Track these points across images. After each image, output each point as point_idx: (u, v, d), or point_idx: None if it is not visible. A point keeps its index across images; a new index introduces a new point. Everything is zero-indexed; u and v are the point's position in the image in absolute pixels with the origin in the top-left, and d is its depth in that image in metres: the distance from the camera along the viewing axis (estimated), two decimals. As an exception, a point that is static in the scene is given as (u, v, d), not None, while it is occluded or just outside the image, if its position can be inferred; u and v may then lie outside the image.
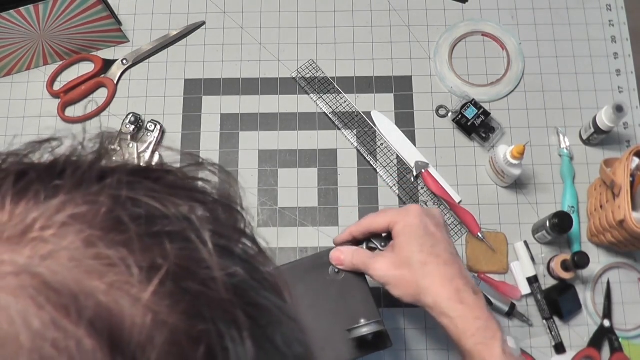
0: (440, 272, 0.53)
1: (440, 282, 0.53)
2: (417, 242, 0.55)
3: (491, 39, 0.86)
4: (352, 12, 0.88)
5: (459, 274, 0.54)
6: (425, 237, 0.55)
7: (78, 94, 0.83)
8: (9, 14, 0.74)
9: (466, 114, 0.80)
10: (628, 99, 0.83)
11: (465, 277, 0.54)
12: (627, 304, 0.75)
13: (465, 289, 0.53)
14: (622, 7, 0.87)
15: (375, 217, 0.59)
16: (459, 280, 0.53)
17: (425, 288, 0.53)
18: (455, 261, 0.55)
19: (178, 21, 0.87)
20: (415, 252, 0.54)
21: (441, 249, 0.55)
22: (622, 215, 0.66)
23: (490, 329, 0.52)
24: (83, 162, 0.24)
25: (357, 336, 0.54)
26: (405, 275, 0.54)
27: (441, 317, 0.53)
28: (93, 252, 0.19)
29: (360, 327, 0.54)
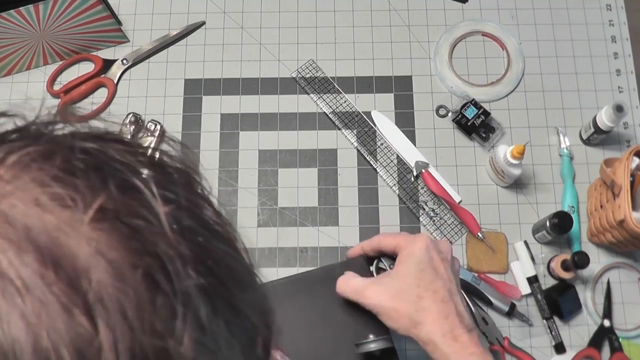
0: (436, 308, 0.53)
1: (436, 318, 0.53)
2: (416, 274, 0.54)
3: (491, 39, 0.86)
4: (352, 12, 0.88)
5: (454, 311, 0.54)
6: (426, 271, 0.54)
7: (78, 94, 0.83)
8: (9, 14, 0.74)
9: (466, 114, 0.80)
10: (628, 99, 0.83)
11: (460, 315, 0.54)
12: (627, 304, 0.75)
13: (460, 327, 0.53)
14: (622, 7, 0.87)
15: (385, 236, 0.60)
16: (454, 317, 0.53)
17: (420, 323, 0.53)
18: (452, 299, 0.54)
19: (178, 21, 0.87)
20: (413, 284, 0.54)
21: (439, 285, 0.54)
22: (622, 215, 0.66)
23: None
24: (40, 122, 0.28)
25: (365, 351, 0.54)
26: (399, 307, 0.54)
27: (435, 353, 0.53)
28: (45, 191, 0.22)
29: (369, 343, 0.54)
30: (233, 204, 0.79)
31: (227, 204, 0.79)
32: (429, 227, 0.77)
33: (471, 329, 0.54)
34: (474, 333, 0.54)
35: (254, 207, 0.79)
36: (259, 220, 0.78)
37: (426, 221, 0.78)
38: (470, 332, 0.53)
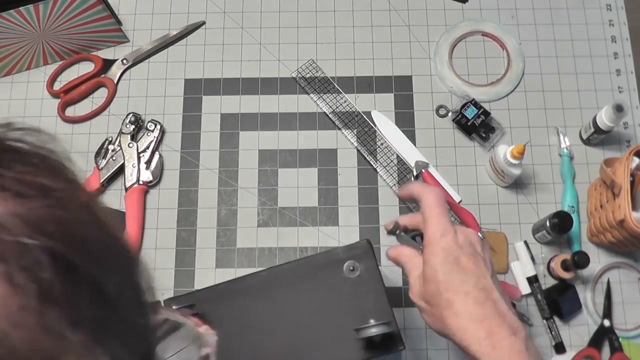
0: (469, 311, 0.48)
1: (469, 323, 0.47)
2: (443, 278, 0.49)
3: (491, 38, 0.86)
4: (352, 12, 0.88)
5: (491, 312, 0.47)
6: (452, 274, 0.49)
7: (78, 93, 0.83)
8: (9, 14, 0.74)
9: (466, 114, 0.80)
10: (628, 99, 0.83)
11: (501, 315, 0.47)
12: (627, 304, 0.75)
13: (500, 331, 0.46)
14: (622, 7, 0.87)
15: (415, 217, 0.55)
16: (492, 320, 0.47)
17: (452, 329, 0.48)
18: (488, 297, 0.48)
19: (178, 21, 0.87)
20: (441, 289, 0.49)
21: (470, 285, 0.48)
22: (622, 215, 0.66)
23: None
24: None
25: (365, 336, 0.54)
26: (431, 310, 0.50)
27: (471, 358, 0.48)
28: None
29: (369, 328, 0.53)
30: (233, 204, 0.79)
31: (227, 204, 0.79)
32: (429, 227, 0.77)
33: (516, 329, 0.47)
34: (520, 334, 0.47)
35: (254, 207, 0.79)
36: (259, 220, 0.78)
37: (426, 221, 0.78)
38: (514, 334, 0.47)
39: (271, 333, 0.58)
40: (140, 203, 0.78)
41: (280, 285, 0.58)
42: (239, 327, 0.58)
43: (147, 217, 0.78)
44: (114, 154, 0.80)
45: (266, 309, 0.58)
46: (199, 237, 0.77)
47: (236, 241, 0.77)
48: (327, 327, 0.57)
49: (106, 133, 0.82)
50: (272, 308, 0.58)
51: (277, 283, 0.59)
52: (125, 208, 0.78)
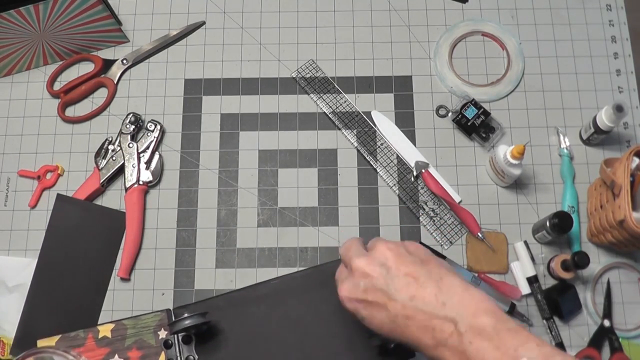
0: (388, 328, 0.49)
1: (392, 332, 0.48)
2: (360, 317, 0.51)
3: (491, 39, 0.86)
4: (352, 12, 0.88)
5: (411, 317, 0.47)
6: (364, 316, 0.50)
7: (78, 93, 0.83)
8: (9, 14, 0.74)
9: (466, 114, 0.80)
10: (628, 99, 0.83)
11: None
12: (627, 304, 0.75)
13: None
14: (622, 7, 0.87)
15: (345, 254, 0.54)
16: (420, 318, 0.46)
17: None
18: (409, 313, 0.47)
19: (178, 21, 0.87)
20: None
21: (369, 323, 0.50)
22: (622, 215, 0.66)
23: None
24: None
25: (378, 344, 0.54)
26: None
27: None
28: None
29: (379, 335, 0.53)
30: (233, 204, 0.79)
31: (227, 204, 0.79)
32: (429, 227, 0.77)
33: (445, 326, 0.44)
34: (452, 331, 0.44)
35: (254, 207, 0.79)
36: (259, 220, 0.78)
37: (426, 221, 0.78)
38: (447, 334, 0.44)
39: (283, 341, 0.58)
40: (140, 203, 0.78)
41: (293, 294, 0.58)
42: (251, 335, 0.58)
43: (147, 217, 0.78)
44: (114, 154, 0.80)
45: (278, 317, 0.58)
46: (199, 237, 0.77)
47: (236, 241, 0.77)
48: (340, 335, 0.57)
49: (106, 133, 0.82)
50: (284, 316, 0.58)
51: (289, 291, 0.59)
52: (125, 208, 0.78)
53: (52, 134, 0.82)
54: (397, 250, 0.50)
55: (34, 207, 0.79)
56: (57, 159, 0.81)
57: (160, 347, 0.56)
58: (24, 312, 0.74)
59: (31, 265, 0.76)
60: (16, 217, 0.79)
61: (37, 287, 0.75)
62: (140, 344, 0.56)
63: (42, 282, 0.75)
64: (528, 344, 0.41)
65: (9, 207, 0.79)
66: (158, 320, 0.57)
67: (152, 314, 0.59)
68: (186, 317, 0.55)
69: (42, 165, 0.81)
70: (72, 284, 0.75)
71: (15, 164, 0.81)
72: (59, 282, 0.75)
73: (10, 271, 0.76)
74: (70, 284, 0.75)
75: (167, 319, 0.61)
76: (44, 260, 0.76)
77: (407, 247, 0.51)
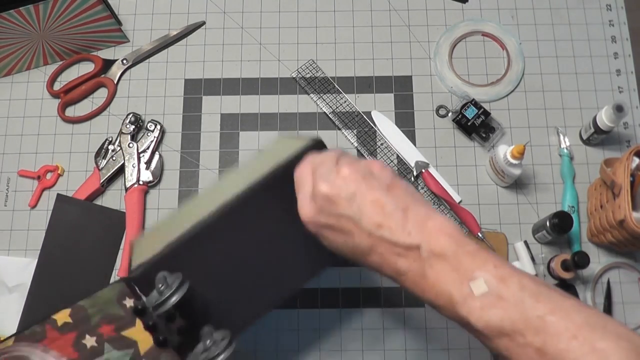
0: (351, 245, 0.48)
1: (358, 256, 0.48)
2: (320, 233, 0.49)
3: (491, 39, 0.86)
4: (352, 12, 0.88)
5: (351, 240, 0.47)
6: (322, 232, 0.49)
7: (78, 93, 0.83)
8: (9, 14, 0.74)
9: (466, 114, 0.80)
10: (628, 99, 0.83)
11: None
12: (627, 304, 0.75)
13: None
14: (622, 7, 0.87)
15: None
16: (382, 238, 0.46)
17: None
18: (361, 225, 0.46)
19: (178, 21, 0.87)
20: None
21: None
22: (622, 215, 0.66)
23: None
24: None
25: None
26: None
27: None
28: None
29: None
30: (233, 204, 0.79)
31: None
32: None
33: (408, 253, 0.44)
34: (416, 257, 0.44)
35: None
36: (259, 220, 0.78)
37: (426, 221, 0.78)
38: (411, 260, 0.44)
39: (242, 264, 0.55)
40: (140, 203, 0.78)
41: (238, 220, 0.54)
42: (209, 271, 0.55)
43: (147, 217, 0.78)
44: (114, 154, 0.80)
45: (231, 243, 0.54)
46: (199, 237, 0.77)
47: (236, 241, 0.77)
48: (294, 240, 0.53)
49: (106, 133, 0.82)
50: (237, 241, 0.55)
51: (234, 219, 0.54)
52: (125, 208, 0.78)
53: (52, 134, 0.82)
54: (363, 173, 0.47)
55: (34, 207, 0.79)
56: (57, 159, 0.81)
57: (131, 315, 0.54)
58: (24, 312, 0.74)
59: (31, 265, 0.76)
60: (16, 217, 0.79)
61: (37, 287, 0.75)
62: (108, 318, 0.54)
63: (42, 282, 0.75)
64: (486, 266, 0.42)
65: (9, 207, 0.79)
66: (118, 292, 0.54)
67: (108, 288, 0.55)
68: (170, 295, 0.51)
69: (42, 165, 0.81)
70: (72, 284, 0.75)
71: (15, 164, 0.81)
72: (59, 282, 0.75)
73: (10, 271, 0.76)
74: (70, 284, 0.75)
75: (128, 289, 0.57)
76: (44, 260, 0.76)
77: (372, 169, 0.48)
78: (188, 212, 0.62)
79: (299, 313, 0.74)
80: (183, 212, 0.65)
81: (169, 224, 0.63)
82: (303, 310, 0.74)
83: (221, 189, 0.61)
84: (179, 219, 0.61)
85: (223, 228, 0.53)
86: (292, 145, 0.55)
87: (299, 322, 0.74)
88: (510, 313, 0.40)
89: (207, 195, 0.66)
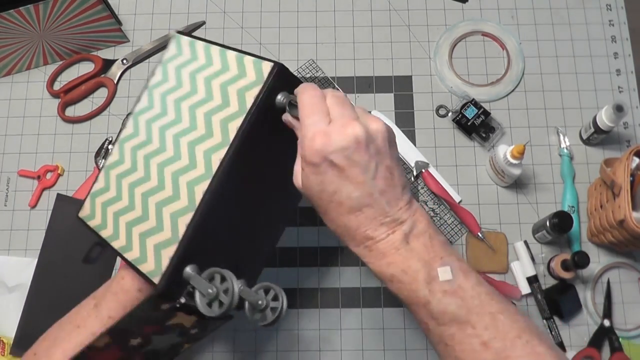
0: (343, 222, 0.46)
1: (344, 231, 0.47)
2: (315, 190, 0.46)
3: (491, 38, 0.86)
4: (352, 12, 0.88)
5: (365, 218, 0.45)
6: (322, 185, 0.46)
7: (78, 93, 0.83)
8: (9, 14, 0.74)
9: (466, 114, 0.80)
10: (628, 99, 0.83)
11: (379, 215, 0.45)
12: (627, 304, 0.75)
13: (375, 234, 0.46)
14: (622, 7, 0.87)
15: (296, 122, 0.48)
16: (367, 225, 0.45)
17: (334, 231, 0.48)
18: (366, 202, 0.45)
19: (178, 21, 0.87)
20: (315, 198, 0.47)
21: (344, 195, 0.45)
22: (622, 215, 0.66)
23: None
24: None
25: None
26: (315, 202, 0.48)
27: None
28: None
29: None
30: (233, 204, 0.79)
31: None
32: (429, 227, 0.77)
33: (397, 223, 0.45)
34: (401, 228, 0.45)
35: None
36: (259, 220, 0.78)
37: (426, 221, 0.78)
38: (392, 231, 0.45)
39: (250, 213, 0.54)
40: (140, 203, 0.78)
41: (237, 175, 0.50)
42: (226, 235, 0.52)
43: (147, 217, 0.78)
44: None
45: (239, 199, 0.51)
46: (199, 237, 0.77)
47: (236, 241, 0.77)
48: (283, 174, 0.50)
49: (106, 133, 0.82)
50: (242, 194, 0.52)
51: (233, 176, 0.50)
52: (125, 208, 0.78)
53: (52, 134, 0.82)
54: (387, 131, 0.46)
55: (34, 207, 0.79)
56: (57, 159, 0.81)
57: (172, 310, 0.52)
58: (24, 312, 0.74)
59: (31, 265, 0.76)
60: (16, 217, 0.79)
61: (37, 287, 0.75)
62: (150, 322, 0.53)
63: (42, 282, 0.75)
64: (452, 256, 0.45)
65: (9, 207, 0.79)
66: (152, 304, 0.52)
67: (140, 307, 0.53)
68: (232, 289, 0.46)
69: (42, 165, 0.81)
70: (72, 284, 0.75)
71: (15, 164, 0.81)
72: (59, 282, 0.75)
73: (10, 271, 0.76)
74: (70, 284, 0.75)
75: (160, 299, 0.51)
76: (44, 260, 0.76)
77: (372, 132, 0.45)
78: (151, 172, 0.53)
79: (299, 313, 0.74)
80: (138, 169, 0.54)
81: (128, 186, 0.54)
82: (303, 310, 0.74)
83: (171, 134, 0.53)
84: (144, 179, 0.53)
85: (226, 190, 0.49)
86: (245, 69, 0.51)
87: (299, 322, 0.74)
88: (467, 303, 0.43)
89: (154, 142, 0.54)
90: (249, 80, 0.50)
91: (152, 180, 0.52)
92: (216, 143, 0.50)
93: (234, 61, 0.52)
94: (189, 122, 0.52)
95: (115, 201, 0.54)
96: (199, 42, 0.57)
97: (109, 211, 0.55)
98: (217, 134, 0.50)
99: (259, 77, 0.50)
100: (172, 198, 0.51)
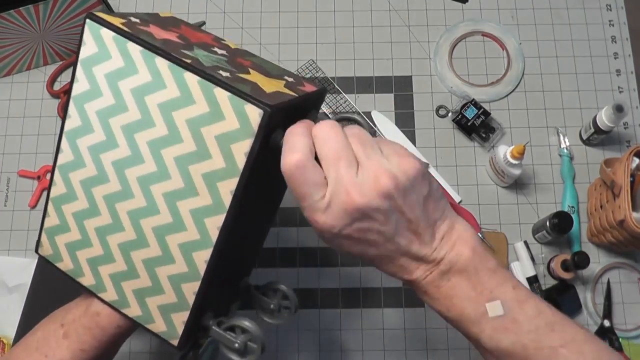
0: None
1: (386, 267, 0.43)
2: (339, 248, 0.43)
3: (491, 39, 0.86)
4: (352, 12, 0.88)
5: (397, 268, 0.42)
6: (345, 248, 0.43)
7: (78, 94, 0.83)
8: (9, 14, 0.74)
9: (466, 114, 0.80)
10: (628, 99, 0.83)
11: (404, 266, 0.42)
12: (627, 304, 0.75)
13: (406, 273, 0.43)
14: (622, 7, 0.87)
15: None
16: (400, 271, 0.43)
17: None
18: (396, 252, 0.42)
19: (178, 21, 0.87)
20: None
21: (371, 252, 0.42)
22: (622, 215, 0.66)
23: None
24: None
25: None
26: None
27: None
28: None
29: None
30: (233, 204, 0.79)
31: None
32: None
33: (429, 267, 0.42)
34: (435, 271, 0.41)
35: (254, 207, 0.79)
36: (259, 220, 0.78)
37: (426, 221, 0.78)
38: (429, 273, 0.42)
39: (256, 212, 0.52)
40: (140, 203, 0.78)
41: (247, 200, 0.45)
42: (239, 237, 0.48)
43: (147, 217, 0.78)
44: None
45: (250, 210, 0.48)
46: (199, 237, 0.77)
47: (236, 241, 0.77)
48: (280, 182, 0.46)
49: (106, 133, 0.82)
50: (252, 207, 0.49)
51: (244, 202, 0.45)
52: (125, 208, 0.78)
53: (52, 134, 0.82)
54: (403, 181, 0.39)
55: (34, 207, 0.79)
56: (57, 159, 0.81)
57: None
58: (24, 312, 0.74)
59: (31, 265, 0.76)
60: (16, 217, 0.79)
61: (37, 287, 0.75)
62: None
63: (42, 282, 0.75)
64: (505, 286, 0.41)
65: (9, 207, 0.79)
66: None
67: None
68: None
69: (42, 165, 0.81)
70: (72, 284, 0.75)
71: (15, 164, 0.81)
72: (59, 282, 0.75)
73: (10, 271, 0.76)
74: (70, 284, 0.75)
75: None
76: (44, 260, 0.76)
77: (409, 172, 0.39)
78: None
79: (299, 313, 0.74)
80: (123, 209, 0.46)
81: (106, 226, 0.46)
82: (303, 310, 0.74)
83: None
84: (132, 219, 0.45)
85: (228, 250, 0.45)
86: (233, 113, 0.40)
87: (299, 322, 0.74)
88: (522, 339, 0.40)
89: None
90: (230, 127, 0.40)
91: (128, 232, 0.44)
92: (206, 205, 0.42)
93: (198, 91, 0.40)
94: (154, 166, 0.42)
95: (84, 246, 0.47)
96: (133, 45, 0.42)
97: (80, 256, 0.48)
98: (205, 194, 0.42)
99: (246, 126, 0.39)
100: (163, 259, 0.44)
